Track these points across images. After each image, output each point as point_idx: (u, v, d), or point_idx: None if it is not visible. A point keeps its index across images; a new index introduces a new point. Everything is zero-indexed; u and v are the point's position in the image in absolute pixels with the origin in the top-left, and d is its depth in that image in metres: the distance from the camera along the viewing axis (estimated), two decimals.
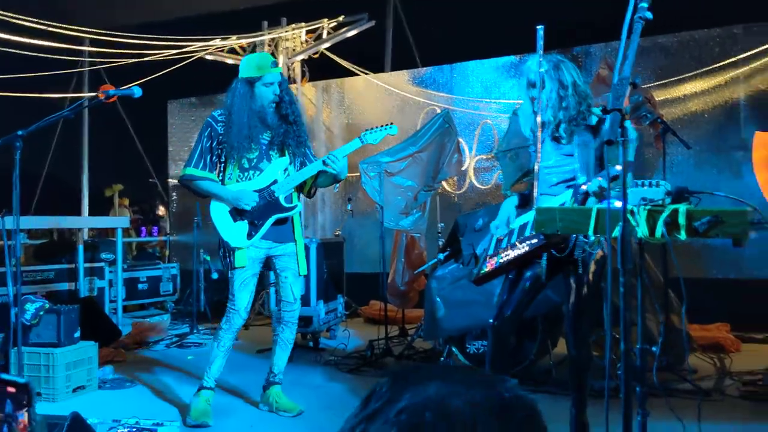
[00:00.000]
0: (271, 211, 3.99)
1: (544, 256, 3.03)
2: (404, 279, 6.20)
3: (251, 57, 4.15)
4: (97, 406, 4.18)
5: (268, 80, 3.95)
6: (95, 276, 7.55)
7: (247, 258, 3.98)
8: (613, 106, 1.64)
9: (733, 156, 6.50)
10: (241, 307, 4.03)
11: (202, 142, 4.02)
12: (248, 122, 3.92)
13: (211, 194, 4.01)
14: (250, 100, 3.94)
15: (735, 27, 6.55)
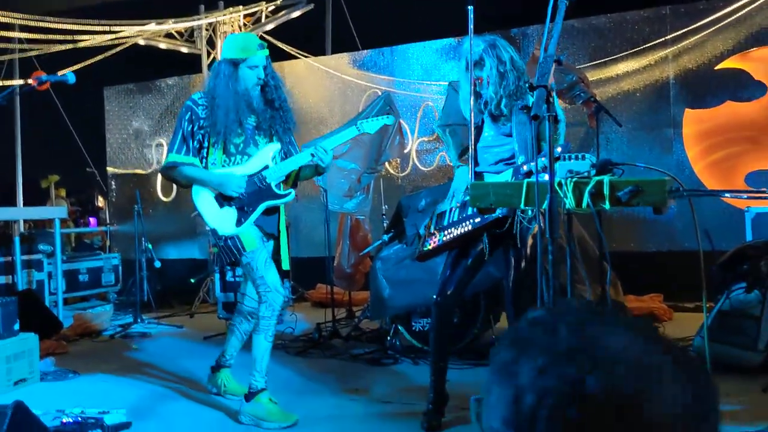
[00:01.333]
0: (262, 197, 3.74)
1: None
2: (350, 261, 6.25)
3: (236, 37, 3.92)
4: (40, 398, 4.11)
5: (253, 63, 3.72)
6: (33, 269, 7.36)
7: (255, 239, 3.72)
8: (539, 83, 1.71)
9: (664, 133, 6.74)
10: (276, 283, 3.71)
11: (183, 127, 3.76)
12: (235, 105, 3.69)
13: (195, 180, 3.76)
14: (234, 82, 3.71)
15: (663, 8, 6.77)
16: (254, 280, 3.75)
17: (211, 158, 3.78)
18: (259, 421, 3.59)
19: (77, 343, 6.02)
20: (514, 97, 3.18)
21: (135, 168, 9.52)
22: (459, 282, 3.37)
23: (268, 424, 3.56)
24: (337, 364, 4.88)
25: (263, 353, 3.70)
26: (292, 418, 3.60)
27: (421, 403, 3.58)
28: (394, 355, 4.88)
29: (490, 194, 2.09)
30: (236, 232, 3.69)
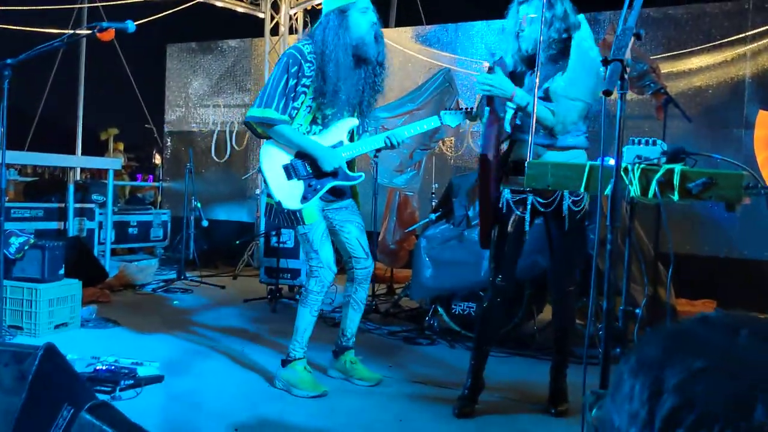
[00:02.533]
0: (332, 177, 3.53)
1: (528, 211, 3.03)
2: (395, 237, 6.17)
3: None
4: (78, 344, 4.17)
5: (363, 5, 3.40)
6: (85, 217, 7.48)
7: (315, 212, 3.53)
8: (615, 57, 1.58)
9: (733, 133, 6.43)
10: (330, 260, 3.57)
11: (285, 81, 3.38)
12: (346, 60, 3.36)
13: (291, 143, 3.47)
14: (345, 31, 3.37)
15: (746, 2, 6.42)
16: (307, 252, 3.61)
17: (296, 121, 3.51)
18: (290, 387, 3.56)
19: (120, 294, 6.11)
20: (554, 46, 3.01)
21: (192, 127, 9.58)
22: (513, 263, 3.26)
23: (297, 391, 3.53)
24: (372, 339, 4.82)
25: (306, 326, 3.62)
26: (321, 389, 3.55)
27: (454, 387, 3.50)
28: (431, 336, 4.79)
29: (548, 175, 1.97)
30: (298, 208, 3.50)
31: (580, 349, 3.96)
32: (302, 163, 3.53)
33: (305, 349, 3.65)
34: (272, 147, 3.54)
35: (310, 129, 3.54)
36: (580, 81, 2.88)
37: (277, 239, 5.95)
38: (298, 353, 3.62)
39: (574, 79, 2.87)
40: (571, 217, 3.01)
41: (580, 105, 2.90)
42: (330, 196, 3.60)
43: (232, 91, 9.27)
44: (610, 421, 0.60)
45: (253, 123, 3.53)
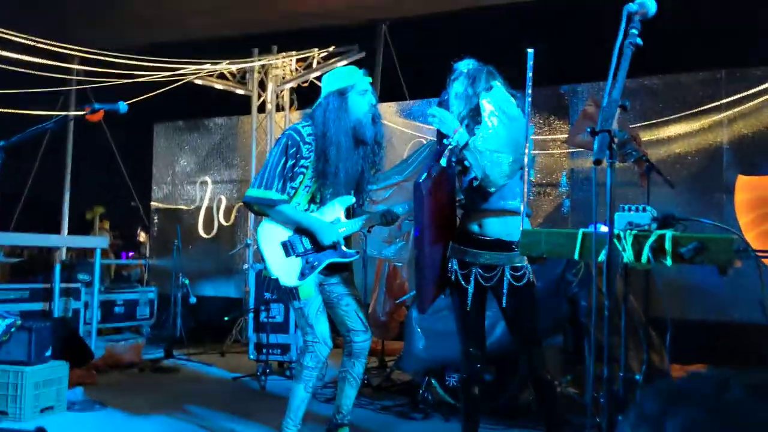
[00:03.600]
0: (329, 253, 3.54)
1: (471, 284, 3.07)
2: (385, 309, 6.15)
3: (337, 69, 3.65)
4: (65, 428, 4.06)
5: (362, 87, 3.45)
6: (71, 297, 7.40)
7: (311, 288, 3.52)
8: (602, 128, 1.64)
9: (715, 198, 6.55)
10: (325, 335, 3.54)
11: (284, 162, 3.43)
12: (346, 142, 3.41)
13: (293, 221, 3.50)
14: (345, 113, 3.42)
15: (718, 71, 6.66)
16: (303, 327, 3.59)
17: (294, 200, 3.53)
18: None
19: (107, 375, 5.98)
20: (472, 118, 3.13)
21: (179, 204, 9.62)
22: (481, 331, 3.31)
23: None
24: (364, 414, 4.73)
25: (300, 403, 3.57)
26: None
27: None
28: (425, 410, 4.71)
29: (542, 243, 2.00)
30: (296, 285, 3.49)
31: (578, 418, 3.91)
32: (300, 240, 3.53)
33: (299, 427, 3.58)
34: (270, 225, 3.55)
35: (308, 207, 3.57)
36: (498, 135, 2.96)
37: (266, 314, 5.90)
38: (292, 430, 3.55)
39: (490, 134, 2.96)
40: (512, 290, 3.04)
41: (502, 157, 2.94)
42: (327, 270, 3.59)
43: (219, 168, 9.36)
44: None
45: (251, 203, 3.56)
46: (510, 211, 3.08)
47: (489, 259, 3.08)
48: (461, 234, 3.21)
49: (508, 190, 3.08)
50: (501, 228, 3.10)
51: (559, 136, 7.32)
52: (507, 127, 2.97)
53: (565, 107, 7.38)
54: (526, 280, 3.07)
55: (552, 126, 7.43)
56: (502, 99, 3.06)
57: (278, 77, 8.60)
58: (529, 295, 3.09)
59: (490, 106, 3.00)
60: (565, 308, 4.56)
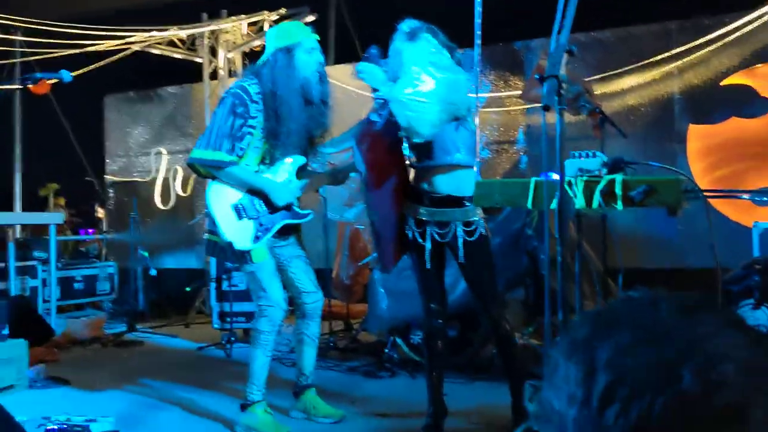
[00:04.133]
0: (281, 214, 3.50)
1: (428, 241, 3.10)
2: (349, 272, 6.15)
3: (281, 25, 3.60)
4: (27, 406, 3.99)
5: (309, 45, 3.38)
6: (27, 275, 7.26)
7: (264, 251, 3.46)
8: (550, 73, 1.63)
9: (668, 148, 6.66)
10: (279, 299, 3.50)
11: (232, 122, 3.32)
12: (297, 101, 3.33)
13: (244, 183, 3.42)
14: (293, 71, 3.32)
15: (669, 23, 6.71)
16: (255, 291, 3.56)
17: (243, 161, 3.42)
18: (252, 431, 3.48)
19: (69, 351, 5.90)
20: None
21: (134, 176, 9.44)
22: (441, 287, 3.34)
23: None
24: (332, 376, 4.76)
25: (260, 367, 3.55)
26: (284, 430, 3.49)
27: (417, 416, 3.47)
28: (392, 369, 4.76)
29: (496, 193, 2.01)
30: (250, 248, 3.44)
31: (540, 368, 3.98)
32: (252, 202, 3.47)
33: (263, 392, 3.57)
34: (220, 186, 3.47)
35: (258, 168, 3.49)
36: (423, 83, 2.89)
37: (228, 283, 5.87)
38: (257, 396, 3.54)
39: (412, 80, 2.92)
40: (466, 246, 3.07)
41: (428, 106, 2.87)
42: (277, 233, 3.54)
43: (174, 138, 9.18)
44: (550, 405, 0.60)
45: (197, 165, 3.48)
46: (457, 166, 3.08)
47: (441, 216, 3.10)
48: (414, 192, 3.23)
49: (451, 143, 3.06)
50: (450, 184, 3.10)
51: (514, 92, 7.32)
52: (433, 76, 2.92)
53: (519, 63, 7.38)
54: (478, 235, 3.10)
55: (508, 83, 7.43)
56: (430, 50, 3.02)
57: (229, 42, 8.42)
58: (483, 249, 3.12)
59: (416, 56, 2.97)
60: (526, 262, 4.62)
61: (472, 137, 3.04)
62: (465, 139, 3.05)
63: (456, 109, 2.93)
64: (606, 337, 0.58)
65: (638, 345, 0.56)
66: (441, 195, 3.09)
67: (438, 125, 2.93)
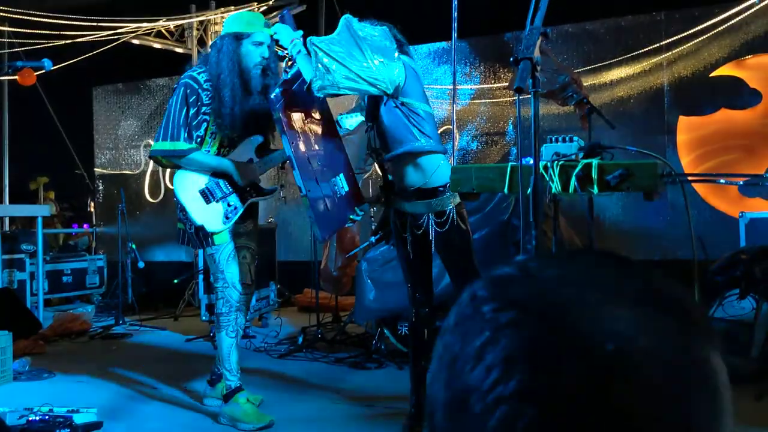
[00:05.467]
0: (248, 192, 3.63)
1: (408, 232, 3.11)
2: (337, 264, 6.13)
3: (241, 13, 3.78)
4: (10, 397, 3.97)
5: (258, 38, 3.47)
6: (15, 268, 7.21)
7: (226, 233, 3.57)
8: (524, 55, 1.61)
9: (658, 139, 6.65)
10: (234, 280, 3.57)
11: (186, 111, 3.45)
12: (240, 85, 3.44)
13: (209, 167, 3.53)
14: (237, 59, 3.45)
15: (658, 14, 6.69)
16: (214, 273, 3.65)
17: (204, 148, 3.54)
18: (235, 422, 3.49)
19: (56, 344, 5.87)
20: None
21: (123, 168, 9.39)
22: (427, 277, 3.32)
23: (243, 425, 3.46)
24: (319, 367, 4.75)
25: (228, 350, 3.59)
26: (266, 419, 3.49)
27: (404, 407, 3.46)
28: (379, 359, 4.75)
29: (472, 178, 1.99)
30: (221, 229, 3.53)
31: None
32: (217, 184, 3.58)
33: (238, 376, 3.60)
34: (185, 173, 3.58)
35: (219, 152, 3.61)
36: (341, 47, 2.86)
37: None
38: (234, 382, 3.57)
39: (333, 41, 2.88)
40: (438, 237, 3.07)
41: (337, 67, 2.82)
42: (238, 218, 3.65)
43: None
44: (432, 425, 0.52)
45: (159, 156, 3.60)
46: (418, 153, 3.04)
47: (413, 208, 3.10)
48: (390, 184, 3.24)
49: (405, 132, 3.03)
50: (416, 176, 3.09)
51: (504, 84, 7.30)
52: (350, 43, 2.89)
53: (509, 55, 7.35)
54: (449, 225, 3.08)
55: (497, 74, 7.41)
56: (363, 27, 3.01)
57: (217, 33, 8.37)
58: (456, 237, 3.10)
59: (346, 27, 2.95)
60: (512, 253, 4.61)
61: (429, 122, 3.00)
62: (420, 125, 3.01)
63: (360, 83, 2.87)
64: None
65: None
66: (412, 188, 3.08)
67: (340, 88, 2.88)
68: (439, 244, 3.06)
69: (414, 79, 3.07)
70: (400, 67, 2.92)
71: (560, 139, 1.88)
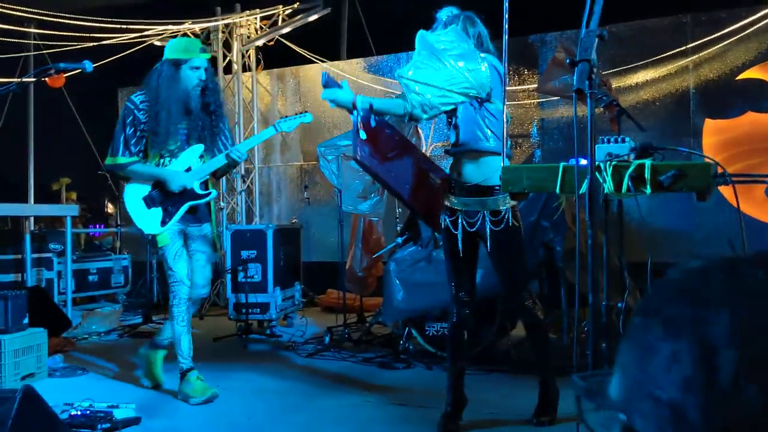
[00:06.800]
0: (185, 198, 4.03)
1: (459, 229, 3.13)
2: (362, 264, 6.17)
3: (179, 40, 4.18)
4: (49, 393, 3.98)
5: (195, 64, 3.93)
6: (43, 267, 7.31)
7: (167, 236, 4.00)
8: (582, 57, 1.64)
9: (683, 143, 6.63)
10: (183, 276, 4.01)
11: (124, 132, 3.95)
12: (176, 107, 3.90)
13: (145, 175, 3.99)
14: (176, 83, 3.90)
15: (684, 16, 6.69)
16: (166, 271, 4.06)
17: (149, 161, 4.01)
18: (187, 398, 3.92)
19: (85, 342, 5.95)
20: None
21: None
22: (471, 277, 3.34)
23: (192, 400, 3.90)
24: (347, 367, 4.79)
25: (179, 337, 4.03)
26: (209, 392, 3.90)
27: (436, 406, 3.49)
28: (407, 360, 4.78)
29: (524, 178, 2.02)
30: (159, 232, 3.98)
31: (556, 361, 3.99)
32: (158, 192, 4.02)
33: (190, 358, 4.02)
34: (132, 185, 4.06)
35: (159, 163, 4.01)
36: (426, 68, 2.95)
37: (244, 274, 5.90)
38: (185, 364, 3.99)
39: (416, 64, 2.96)
40: (493, 236, 3.10)
41: (429, 90, 2.92)
42: (190, 216, 4.06)
43: None
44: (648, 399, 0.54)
45: (108, 171, 4.15)
46: (483, 152, 3.10)
47: (469, 205, 3.13)
48: (449, 181, 3.29)
49: (475, 131, 3.10)
50: (476, 172, 3.13)
51: (528, 86, 7.32)
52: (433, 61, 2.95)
53: (533, 57, 7.38)
54: (505, 225, 3.10)
55: (522, 76, 7.43)
56: (442, 38, 3.04)
57: (243, 36, 8.45)
58: (510, 239, 3.13)
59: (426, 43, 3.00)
60: (541, 254, 4.63)
61: (498, 124, 3.06)
62: (492, 126, 3.07)
63: (454, 97, 2.94)
64: (713, 312, 0.53)
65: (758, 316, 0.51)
66: (469, 184, 3.13)
67: (439, 109, 2.97)
68: (493, 244, 3.09)
69: (497, 79, 3.12)
70: (486, 69, 2.98)
71: (612, 140, 1.91)
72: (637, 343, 0.57)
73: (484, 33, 3.23)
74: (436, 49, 2.95)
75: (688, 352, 0.53)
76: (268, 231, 6.02)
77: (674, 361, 0.53)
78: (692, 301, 0.55)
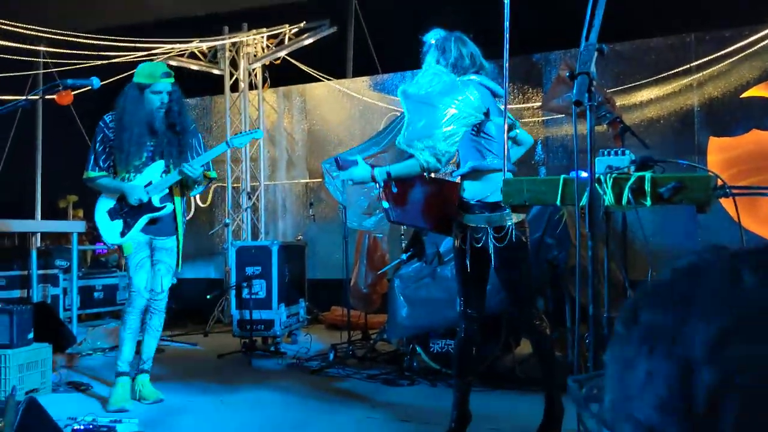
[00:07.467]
0: (144, 210, 4.28)
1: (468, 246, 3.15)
2: (367, 281, 6.17)
3: (146, 65, 4.38)
4: (52, 407, 4.00)
5: (157, 88, 4.19)
6: (49, 283, 7.34)
7: (130, 246, 4.27)
8: (581, 70, 1.66)
9: (688, 160, 6.62)
10: (140, 287, 4.27)
11: (95, 148, 4.28)
12: (138, 128, 4.17)
13: (109, 188, 4.29)
14: (139, 105, 4.19)
15: (688, 35, 6.72)
16: (127, 278, 4.35)
17: (119, 176, 4.30)
18: (107, 402, 4.15)
19: (90, 358, 5.96)
20: None
21: None
22: (480, 293, 3.34)
23: (108, 405, 4.12)
24: (351, 383, 4.78)
25: (121, 342, 4.29)
26: (120, 404, 4.07)
27: (440, 423, 3.48)
28: (411, 377, 4.76)
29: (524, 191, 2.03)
30: (119, 242, 4.29)
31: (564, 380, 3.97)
32: (120, 205, 4.30)
33: (127, 363, 4.26)
34: (102, 198, 4.35)
35: (126, 178, 4.26)
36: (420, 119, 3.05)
37: (248, 290, 5.90)
38: (121, 368, 4.25)
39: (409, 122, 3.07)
40: (497, 252, 3.12)
41: (429, 142, 3.02)
42: (153, 227, 4.31)
43: None
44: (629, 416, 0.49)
45: (84, 183, 4.37)
46: (485, 171, 3.14)
47: (474, 221, 3.16)
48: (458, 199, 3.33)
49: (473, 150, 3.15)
50: (479, 189, 3.17)
51: (532, 104, 7.36)
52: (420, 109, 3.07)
53: (538, 76, 7.42)
54: (508, 241, 3.12)
55: (526, 95, 7.46)
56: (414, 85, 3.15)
57: (250, 55, 8.52)
58: (515, 254, 3.14)
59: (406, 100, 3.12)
60: (545, 271, 4.62)
61: (497, 143, 3.09)
62: (489, 145, 3.11)
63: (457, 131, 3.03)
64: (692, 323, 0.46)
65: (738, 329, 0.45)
66: (473, 201, 3.17)
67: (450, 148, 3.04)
68: (497, 260, 3.10)
69: (489, 97, 3.18)
70: (474, 93, 3.03)
71: (612, 152, 1.93)
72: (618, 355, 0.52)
73: (476, 52, 3.30)
74: (421, 96, 3.05)
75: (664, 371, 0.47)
76: (273, 247, 6.03)
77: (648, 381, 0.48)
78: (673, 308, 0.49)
